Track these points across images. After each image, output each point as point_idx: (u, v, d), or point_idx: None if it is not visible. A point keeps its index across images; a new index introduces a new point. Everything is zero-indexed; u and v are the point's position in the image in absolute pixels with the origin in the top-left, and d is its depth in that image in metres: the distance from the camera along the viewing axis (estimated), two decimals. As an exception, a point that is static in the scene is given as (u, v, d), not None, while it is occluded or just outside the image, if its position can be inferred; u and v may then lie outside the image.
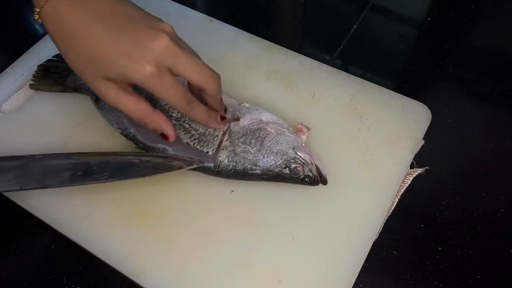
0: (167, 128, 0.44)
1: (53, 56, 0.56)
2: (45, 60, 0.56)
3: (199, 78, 0.42)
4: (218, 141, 0.47)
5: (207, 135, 0.47)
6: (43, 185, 0.44)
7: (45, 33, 0.61)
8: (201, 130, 0.47)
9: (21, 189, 0.44)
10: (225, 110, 0.48)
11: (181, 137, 0.47)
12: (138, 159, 0.46)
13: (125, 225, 0.46)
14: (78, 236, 0.46)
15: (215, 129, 0.47)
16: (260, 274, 0.43)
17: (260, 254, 0.44)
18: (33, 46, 0.59)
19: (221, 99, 0.46)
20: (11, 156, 0.45)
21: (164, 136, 0.45)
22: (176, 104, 0.42)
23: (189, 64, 0.41)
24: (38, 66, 0.55)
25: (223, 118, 0.47)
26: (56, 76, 0.55)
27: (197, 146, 0.47)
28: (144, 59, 0.38)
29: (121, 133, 0.49)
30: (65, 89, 0.54)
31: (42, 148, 0.51)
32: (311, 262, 0.44)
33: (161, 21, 0.41)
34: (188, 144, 0.47)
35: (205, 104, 0.45)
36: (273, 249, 0.45)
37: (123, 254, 0.45)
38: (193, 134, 0.47)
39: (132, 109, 0.42)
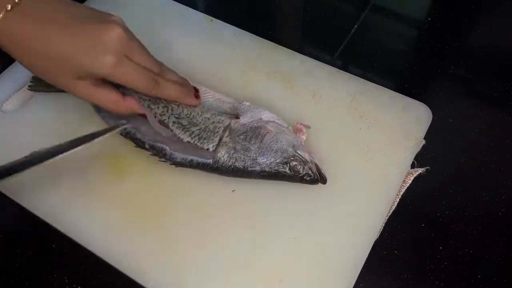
0: (139, 110, 0.47)
1: None
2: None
3: (151, 62, 0.45)
4: (218, 137, 0.47)
5: (207, 131, 0.47)
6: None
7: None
8: (202, 126, 0.47)
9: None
10: (196, 91, 0.50)
11: (180, 136, 0.47)
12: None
13: (126, 224, 0.46)
14: (79, 236, 0.46)
15: (215, 125, 0.47)
16: (261, 273, 0.43)
17: (261, 254, 0.44)
18: (33, 46, 0.59)
19: (183, 78, 0.49)
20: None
21: (142, 116, 0.48)
22: (144, 87, 0.44)
23: (141, 50, 0.44)
24: None
25: (197, 93, 0.49)
26: None
27: (198, 143, 0.47)
28: (102, 52, 0.40)
29: (121, 134, 0.49)
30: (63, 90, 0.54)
31: (42, 147, 0.51)
32: (312, 262, 0.44)
33: (111, 14, 0.43)
34: (189, 142, 0.47)
35: None
36: (274, 249, 0.45)
37: (125, 253, 0.45)
38: (193, 132, 0.47)
39: (105, 101, 0.45)
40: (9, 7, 0.39)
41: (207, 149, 0.47)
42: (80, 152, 0.50)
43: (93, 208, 0.47)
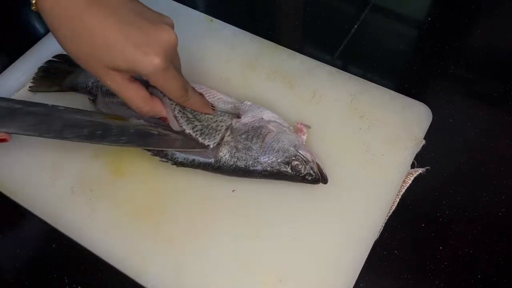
0: (164, 112, 0.46)
1: (52, 57, 0.56)
2: (45, 60, 0.56)
3: (181, 73, 0.45)
4: (220, 135, 0.47)
5: (210, 128, 0.47)
6: (61, 136, 0.45)
7: (46, 33, 0.61)
8: (205, 123, 0.48)
9: (39, 136, 0.45)
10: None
11: (183, 127, 0.47)
12: (157, 131, 0.47)
13: (126, 224, 0.46)
14: (79, 236, 0.46)
15: (218, 124, 0.48)
16: (261, 273, 0.43)
17: (261, 254, 0.44)
18: (33, 46, 0.59)
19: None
20: (35, 103, 0.46)
21: (163, 119, 0.47)
22: (177, 95, 0.44)
23: (179, 59, 0.45)
24: (38, 68, 0.56)
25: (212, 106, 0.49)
26: (54, 77, 0.55)
27: (199, 138, 0.47)
28: (154, 51, 0.39)
29: None
30: (62, 88, 0.54)
31: (42, 147, 0.51)
32: (312, 262, 0.44)
33: (165, 16, 0.42)
34: (190, 134, 0.47)
35: None
36: (274, 249, 0.45)
37: (124, 253, 0.45)
38: (196, 125, 0.47)
39: (133, 96, 0.43)
40: None
41: (208, 145, 0.47)
42: (80, 152, 0.51)
43: (93, 208, 0.47)
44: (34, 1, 0.39)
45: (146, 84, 0.43)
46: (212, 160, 0.46)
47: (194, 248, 0.45)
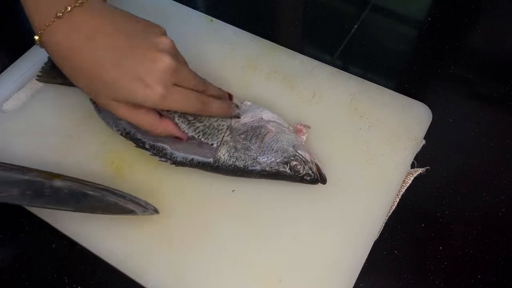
0: (177, 132, 0.46)
1: None
2: (44, 61, 0.56)
3: (197, 81, 0.44)
4: (223, 134, 0.47)
5: (212, 128, 0.47)
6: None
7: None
8: (206, 123, 0.47)
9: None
10: (230, 96, 0.50)
11: (185, 131, 0.47)
12: (96, 193, 0.44)
13: (126, 224, 0.46)
14: (79, 236, 0.46)
15: (219, 123, 0.48)
16: (261, 273, 0.43)
17: (261, 254, 0.44)
18: (33, 46, 0.59)
19: (221, 89, 0.48)
20: None
21: (177, 138, 0.47)
22: (191, 110, 0.44)
23: (187, 73, 0.43)
24: (48, 57, 0.55)
25: (231, 99, 0.49)
26: (59, 70, 0.55)
27: (202, 139, 0.47)
28: (153, 82, 0.39)
29: (121, 134, 0.49)
30: (66, 82, 0.54)
31: (42, 147, 0.51)
32: (312, 262, 0.44)
33: (161, 33, 0.42)
34: (193, 137, 0.47)
35: None
36: (274, 249, 0.45)
37: (124, 253, 0.45)
38: (198, 127, 0.47)
39: (143, 122, 0.43)
40: (60, 14, 0.39)
41: (211, 144, 0.47)
42: (80, 152, 0.51)
43: (93, 208, 0.47)
44: (37, 38, 0.40)
45: None
46: (211, 160, 0.46)
47: (194, 248, 0.45)
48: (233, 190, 0.48)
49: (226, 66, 0.57)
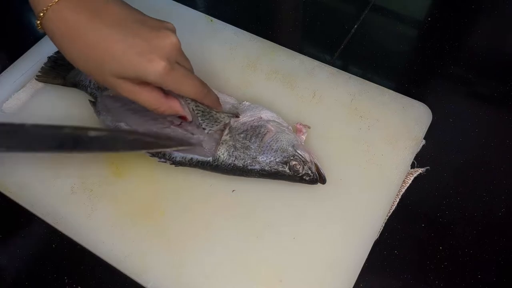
0: (181, 111, 0.46)
1: None
2: (47, 58, 0.56)
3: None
4: (218, 127, 0.47)
5: (210, 115, 0.48)
6: (30, 149, 0.45)
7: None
8: (207, 110, 0.48)
9: (7, 151, 0.44)
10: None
11: (187, 109, 0.47)
12: (134, 137, 0.47)
13: (126, 224, 0.46)
14: (79, 236, 0.46)
15: (218, 116, 0.48)
16: (261, 273, 0.43)
17: (261, 253, 0.44)
18: (33, 46, 0.59)
19: None
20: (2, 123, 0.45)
21: (182, 118, 0.47)
22: (194, 93, 0.44)
23: (188, 61, 0.45)
24: (48, 57, 0.56)
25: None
26: (60, 69, 0.55)
27: (199, 117, 0.47)
28: (158, 57, 0.39)
29: None
30: (66, 83, 0.54)
31: (42, 148, 0.51)
32: (312, 262, 0.44)
33: (165, 21, 0.43)
34: (193, 110, 0.47)
35: None
36: (274, 248, 0.45)
37: (124, 253, 0.45)
38: (199, 106, 0.48)
39: (147, 99, 0.43)
40: None
41: (203, 128, 0.47)
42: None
43: (93, 208, 0.47)
44: (38, 22, 0.40)
45: None
46: (210, 159, 0.46)
47: (194, 248, 0.45)
48: (233, 190, 0.48)
49: (226, 66, 0.57)
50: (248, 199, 0.47)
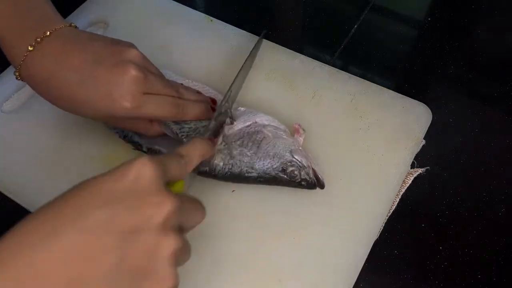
0: (166, 132, 0.47)
1: None
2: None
3: (168, 88, 0.44)
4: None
5: (197, 132, 0.47)
6: None
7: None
8: (192, 125, 0.47)
9: None
10: (213, 101, 0.50)
11: (171, 126, 0.47)
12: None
13: (126, 225, 0.46)
14: (79, 236, 0.46)
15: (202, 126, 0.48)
16: (261, 273, 0.43)
17: (261, 254, 0.44)
18: (33, 46, 0.59)
19: (197, 91, 0.49)
20: None
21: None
22: (169, 115, 0.44)
23: (157, 80, 0.43)
24: None
25: (214, 104, 0.49)
26: None
27: (185, 140, 0.46)
28: (120, 97, 0.40)
29: (119, 137, 0.49)
30: None
31: (42, 148, 0.51)
32: (312, 262, 0.44)
33: (128, 46, 0.43)
34: (177, 134, 0.47)
35: None
36: (274, 249, 0.45)
37: (124, 254, 0.45)
38: (183, 127, 0.47)
39: (133, 129, 0.46)
40: (31, 46, 0.41)
41: None
42: (79, 152, 0.51)
43: (93, 208, 0.47)
44: (17, 74, 0.43)
45: None
46: (206, 169, 0.46)
47: (194, 248, 0.45)
48: (233, 190, 0.48)
49: (225, 66, 0.57)
50: (247, 199, 0.47)
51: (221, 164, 0.46)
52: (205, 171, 0.46)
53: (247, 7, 0.66)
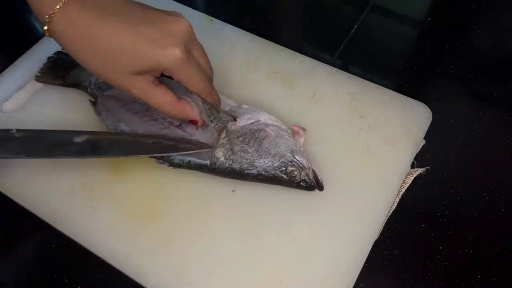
0: (193, 115, 0.45)
1: (62, 49, 0.56)
2: (46, 58, 0.56)
3: (209, 66, 0.45)
4: (220, 126, 0.47)
5: (216, 114, 0.48)
6: (50, 155, 0.45)
7: (45, 33, 0.61)
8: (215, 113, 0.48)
9: (27, 157, 0.44)
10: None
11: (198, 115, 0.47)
12: (152, 140, 0.46)
13: (126, 224, 0.46)
14: (79, 236, 0.46)
15: (222, 116, 0.48)
16: (261, 273, 0.43)
17: (261, 253, 0.44)
18: (33, 46, 0.59)
19: None
20: (21, 129, 0.45)
21: (192, 122, 0.46)
22: (200, 88, 0.43)
23: (202, 51, 0.44)
24: (48, 58, 0.56)
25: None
26: (59, 70, 0.55)
27: (208, 112, 0.47)
28: (172, 43, 0.39)
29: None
30: (65, 83, 0.54)
31: (42, 148, 0.51)
32: (312, 262, 0.44)
33: (170, 11, 0.43)
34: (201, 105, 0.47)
35: None
36: (274, 249, 0.45)
37: (124, 253, 0.45)
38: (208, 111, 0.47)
39: (160, 102, 0.42)
40: (61, 3, 0.38)
41: (211, 121, 0.47)
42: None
43: (93, 208, 0.47)
44: (46, 28, 0.40)
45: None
46: (207, 162, 0.46)
47: (194, 248, 0.45)
48: (233, 190, 0.48)
49: (226, 66, 0.57)
50: (248, 199, 0.47)
51: (222, 158, 0.46)
52: (206, 165, 0.46)
53: (247, 7, 0.66)
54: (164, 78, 0.44)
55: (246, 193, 0.48)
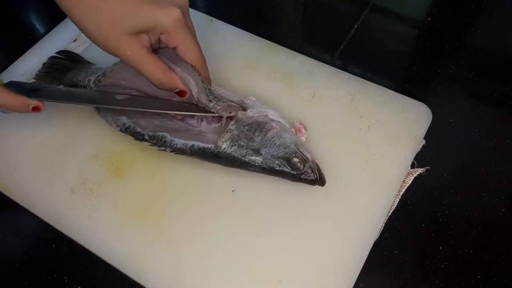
0: (182, 85, 0.46)
1: (55, 53, 0.56)
2: (44, 61, 0.56)
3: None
4: (227, 110, 0.47)
5: (221, 97, 0.48)
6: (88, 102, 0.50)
7: (45, 33, 0.61)
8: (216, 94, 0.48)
9: (69, 102, 0.48)
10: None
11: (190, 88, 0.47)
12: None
13: (126, 224, 0.46)
14: (79, 236, 0.46)
15: (229, 99, 0.49)
16: (261, 273, 0.43)
17: (261, 254, 0.44)
18: (33, 47, 0.59)
19: None
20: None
21: (180, 94, 0.46)
22: (197, 57, 0.45)
23: (192, 24, 0.45)
24: (42, 64, 0.56)
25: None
26: (55, 74, 0.55)
27: (210, 96, 0.47)
28: (171, 4, 0.41)
29: (120, 130, 0.49)
30: (63, 85, 0.54)
31: (42, 148, 0.51)
32: (312, 262, 0.44)
33: None
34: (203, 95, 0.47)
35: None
36: (274, 249, 0.45)
37: (124, 253, 0.45)
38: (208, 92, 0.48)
39: (152, 68, 0.43)
40: None
41: (210, 101, 0.46)
42: (80, 152, 0.51)
43: (93, 208, 0.47)
44: None
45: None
46: (212, 146, 0.46)
47: (194, 248, 0.45)
48: (233, 190, 0.48)
49: (226, 66, 0.57)
50: (248, 199, 0.47)
51: (228, 143, 0.46)
52: (210, 149, 0.46)
53: (247, 7, 0.66)
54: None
55: (246, 193, 0.48)
